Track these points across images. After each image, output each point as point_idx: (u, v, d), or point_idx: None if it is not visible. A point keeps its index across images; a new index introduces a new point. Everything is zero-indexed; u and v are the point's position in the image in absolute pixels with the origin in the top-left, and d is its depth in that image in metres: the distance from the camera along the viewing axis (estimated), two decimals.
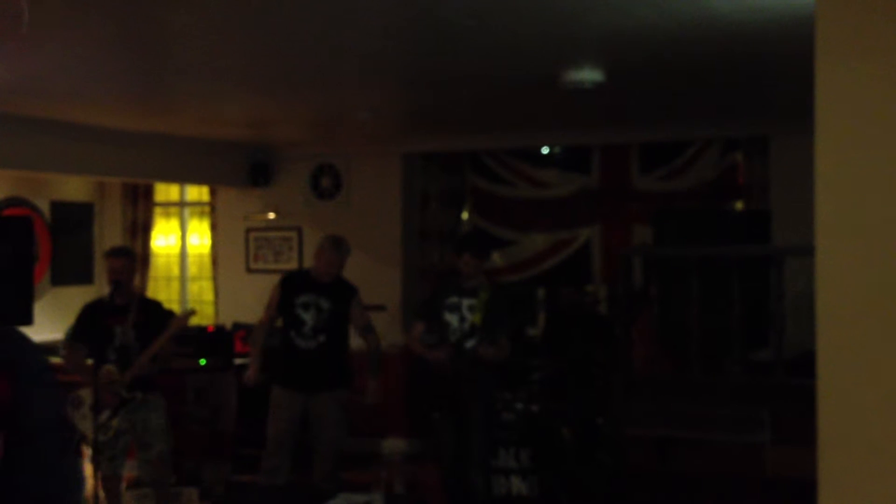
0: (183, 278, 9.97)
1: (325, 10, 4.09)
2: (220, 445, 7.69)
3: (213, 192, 9.59)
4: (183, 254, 9.99)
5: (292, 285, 6.22)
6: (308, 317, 6.09)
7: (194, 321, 6.84)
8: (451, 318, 5.95)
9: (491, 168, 9.01)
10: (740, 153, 8.16)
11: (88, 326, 5.93)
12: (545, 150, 8.97)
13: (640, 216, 8.45)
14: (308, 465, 6.29)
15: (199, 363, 7.89)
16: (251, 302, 8.86)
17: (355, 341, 6.35)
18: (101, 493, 5.79)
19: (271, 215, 9.23)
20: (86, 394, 5.83)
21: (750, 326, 6.12)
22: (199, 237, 9.95)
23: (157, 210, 9.88)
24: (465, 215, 9.15)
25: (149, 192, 9.68)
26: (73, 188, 9.37)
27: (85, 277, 9.37)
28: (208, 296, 9.77)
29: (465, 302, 5.96)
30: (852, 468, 2.51)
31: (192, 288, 9.98)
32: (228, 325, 8.89)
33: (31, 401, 2.07)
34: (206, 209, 9.77)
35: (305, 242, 9.05)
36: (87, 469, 5.69)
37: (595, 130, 8.25)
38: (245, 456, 7.51)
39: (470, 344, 5.84)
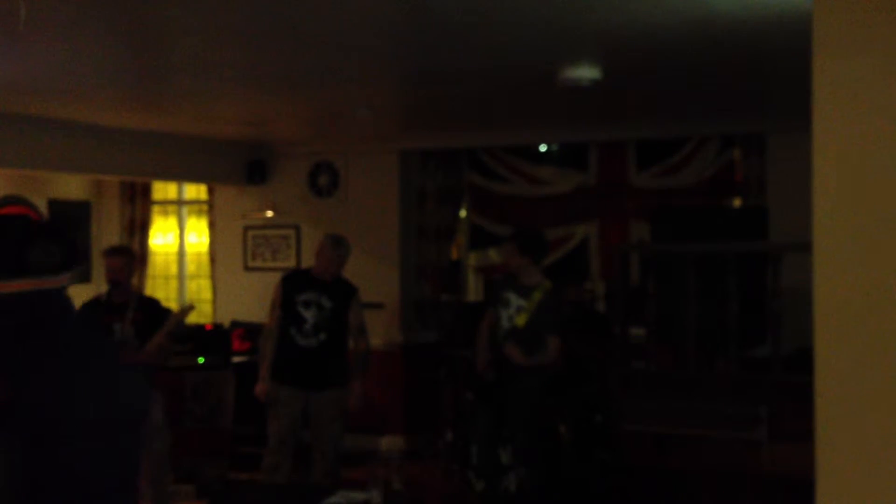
0: (181, 276, 9.97)
1: (323, 8, 4.09)
2: (217, 443, 7.69)
3: (210, 191, 9.58)
4: (181, 252, 9.98)
5: (293, 283, 6.23)
6: (309, 315, 6.10)
7: (192, 318, 6.85)
8: (502, 315, 6.00)
9: (488, 165, 9.01)
10: (737, 150, 8.16)
11: None
12: (543, 148, 8.97)
13: (637, 213, 8.46)
14: (307, 462, 6.30)
15: (197, 361, 7.89)
16: (249, 300, 8.87)
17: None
18: None
19: (269, 213, 9.23)
20: None
21: (747, 323, 6.13)
22: (197, 235, 9.94)
23: (155, 208, 9.88)
24: (462, 212, 9.15)
25: (147, 191, 9.67)
26: (71, 186, 9.36)
27: (83, 275, 9.36)
28: (206, 294, 9.77)
29: (516, 301, 5.97)
30: (850, 465, 2.51)
31: (191, 286, 9.97)
32: (226, 323, 8.89)
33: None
34: (204, 207, 9.77)
35: (303, 240, 9.05)
36: None
37: (592, 127, 8.25)
38: (243, 454, 7.51)
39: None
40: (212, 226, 9.58)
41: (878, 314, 2.48)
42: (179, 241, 9.98)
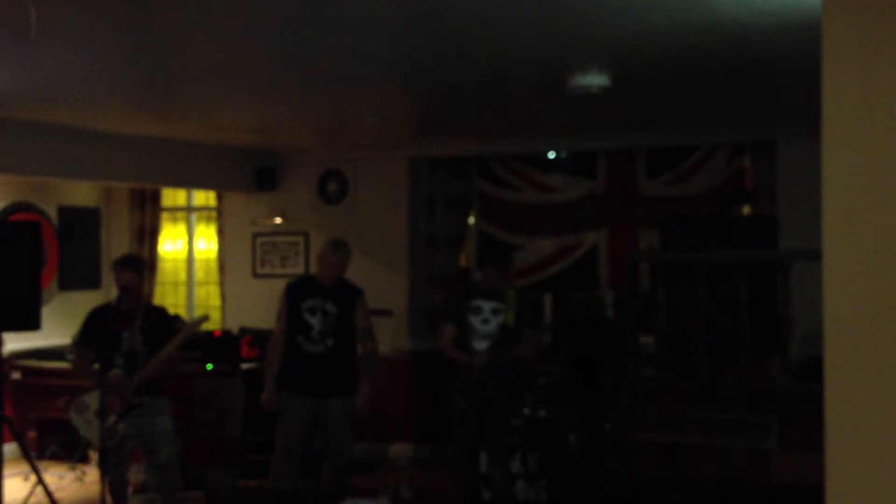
0: (190, 283, 9.99)
1: (332, 16, 4.10)
2: (226, 450, 7.69)
3: (220, 197, 9.60)
4: (190, 258, 10.00)
5: (298, 291, 6.23)
6: (315, 321, 6.10)
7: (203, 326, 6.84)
8: (475, 321, 6.11)
9: (498, 173, 9.01)
10: (747, 158, 8.15)
11: (95, 331, 5.94)
12: (552, 155, 8.97)
13: (646, 221, 8.45)
14: (316, 470, 6.29)
15: (205, 368, 7.89)
16: (258, 307, 8.88)
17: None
18: (109, 498, 5.80)
19: (278, 220, 9.24)
20: (91, 398, 5.83)
21: (757, 332, 6.11)
22: (206, 242, 9.96)
23: (165, 215, 9.90)
24: (471, 220, 9.15)
25: (156, 197, 9.70)
26: (81, 193, 9.39)
27: (92, 282, 9.38)
28: (215, 300, 9.78)
29: (488, 305, 6.13)
30: (860, 475, 2.50)
31: (199, 292, 9.99)
32: (235, 329, 8.89)
33: None
34: (213, 214, 9.78)
35: (312, 247, 9.05)
36: (94, 473, 5.68)
37: (602, 135, 8.25)
38: (252, 461, 7.51)
39: (503, 347, 6.03)
40: (221, 232, 9.60)
41: (888, 322, 2.47)
42: (188, 247, 10.00)
